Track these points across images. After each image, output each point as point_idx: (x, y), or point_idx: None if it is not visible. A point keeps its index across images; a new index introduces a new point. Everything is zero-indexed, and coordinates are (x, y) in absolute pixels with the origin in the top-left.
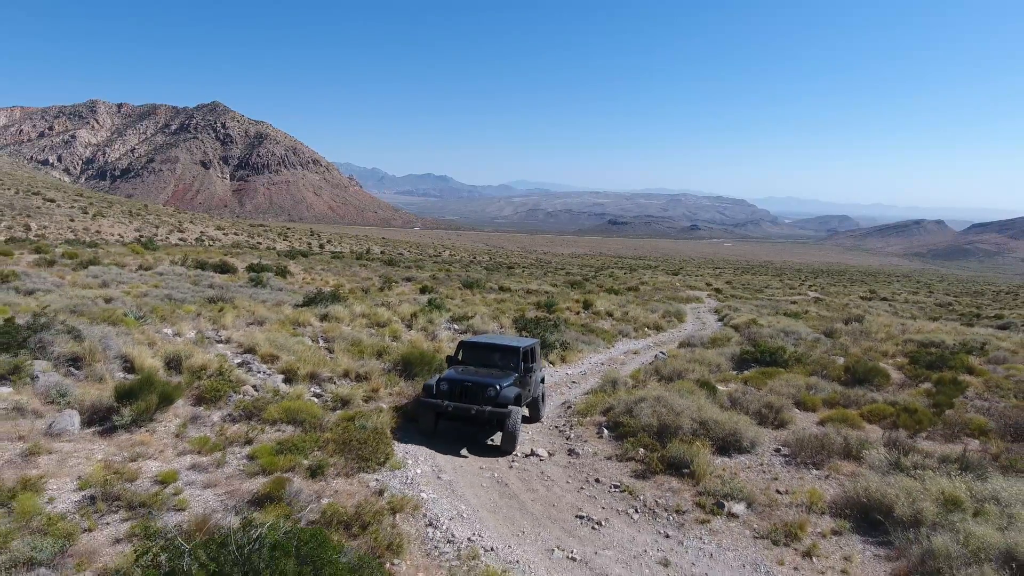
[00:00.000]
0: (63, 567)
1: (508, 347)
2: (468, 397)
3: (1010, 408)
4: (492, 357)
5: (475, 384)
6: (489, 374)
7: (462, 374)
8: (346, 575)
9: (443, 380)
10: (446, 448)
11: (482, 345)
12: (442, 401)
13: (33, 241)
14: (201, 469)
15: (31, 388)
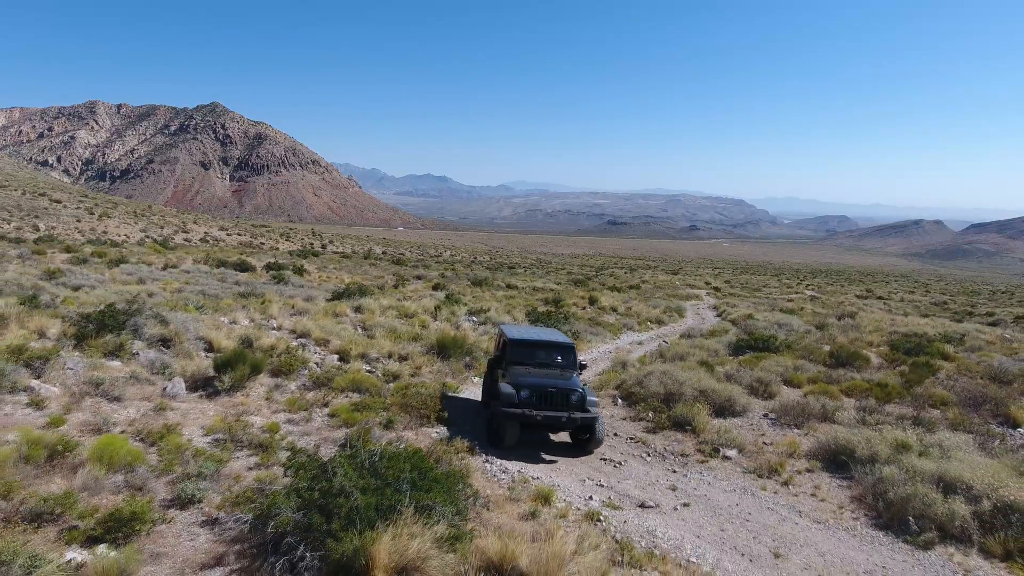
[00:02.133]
0: (221, 480)
1: (565, 344)
2: (551, 403)
3: (971, 384)
4: (550, 356)
5: (559, 390)
6: (560, 376)
7: (540, 379)
8: (442, 478)
9: (523, 387)
10: None
11: (538, 343)
12: (528, 411)
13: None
14: (295, 423)
15: (136, 362)
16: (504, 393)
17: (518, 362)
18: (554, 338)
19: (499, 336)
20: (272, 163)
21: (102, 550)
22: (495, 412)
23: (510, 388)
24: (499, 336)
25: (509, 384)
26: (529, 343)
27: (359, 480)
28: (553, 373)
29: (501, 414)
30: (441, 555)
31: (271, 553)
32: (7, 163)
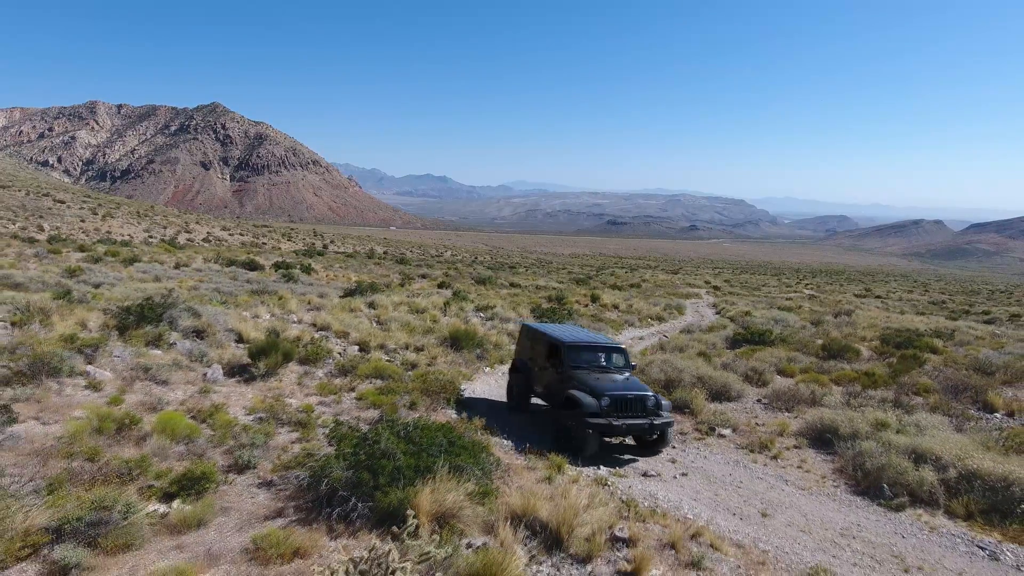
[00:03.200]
0: (270, 451)
1: (619, 346)
2: (630, 410)
3: (954, 374)
4: (608, 358)
5: (637, 396)
6: (626, 381)
7: (618, 385)
8: (469, 445)
9: (602, 395)
10: (503, 391)
11: (596, 346)
12: (613, 420)
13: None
14: (326, 405)
15: (175, 351)
16: (586, 403)
17: (576, 367)
18: (609, 341)
19: (528, 336)
20: (272, 163)
21: (177, 504)
22: (576, 422)
23: (590, 398)
24: (528, 336)
25: (583, 392)
26: (586, 346)
27: (400, 444)
28: (615, 376)
29: (584, 424)
30: (473, 507)
31: (325, 505)
32: (8, 163)
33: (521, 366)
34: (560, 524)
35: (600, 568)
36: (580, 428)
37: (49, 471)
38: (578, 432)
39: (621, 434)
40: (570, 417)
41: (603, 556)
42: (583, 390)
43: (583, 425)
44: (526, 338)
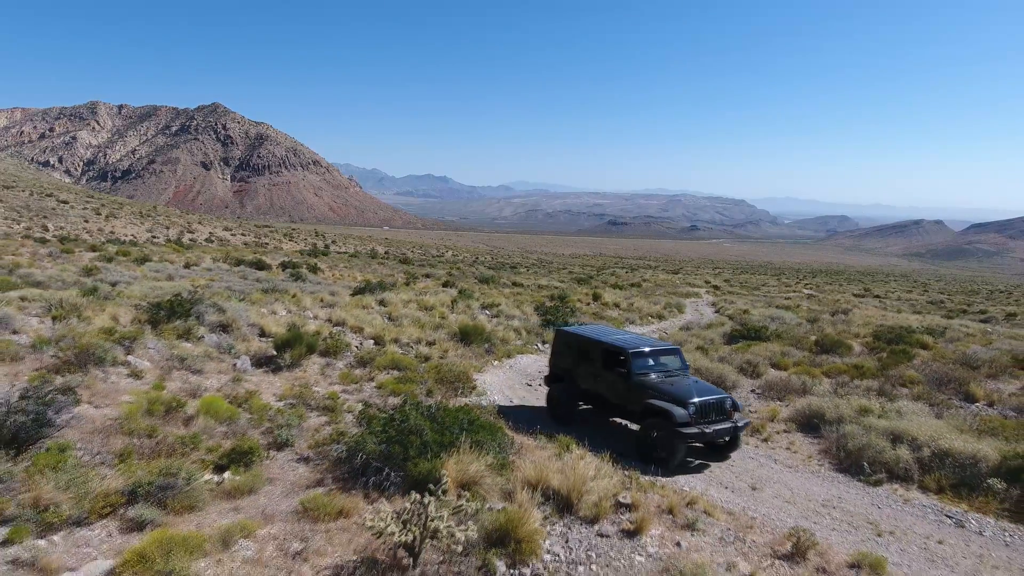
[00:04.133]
0: (303, 431)
1: (677, 348)
2: (712, 415)
3: (940, 367)
4: (673, 361)
5: (717, 400)
6: (697, 384)
7: (697, 389)
8: (487, 425)
9: (686, 402)
10: (513, 382)
11: (659, 351)
12: (703, 428)
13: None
14: (349, 392)
15: (204, 344)
16: (677, 413)
17: (643, 373)
18: (664, 343)
19: (572, 343)
20: (273, 163)
21: (229, 474)
22: (666, 432)
23: (679, 407)
24: (572, 343)
25: (665, 400)
26: (650, 352)
27: (426, 423)
28: (684, 380)
29: (676, 435)
30: (492, 476)
31: (360, 475)
32: (10, 164)
33: (564, 374)
34: (570, 491)
35: (606, 527)
36: (670, 438)
37: (112, 446)
38: (667, 442)
39: (710, 441)
40: (657, 427)
41: (608, 518)
42: (664, 398)
43: (675, 436)
44: (567, 344)
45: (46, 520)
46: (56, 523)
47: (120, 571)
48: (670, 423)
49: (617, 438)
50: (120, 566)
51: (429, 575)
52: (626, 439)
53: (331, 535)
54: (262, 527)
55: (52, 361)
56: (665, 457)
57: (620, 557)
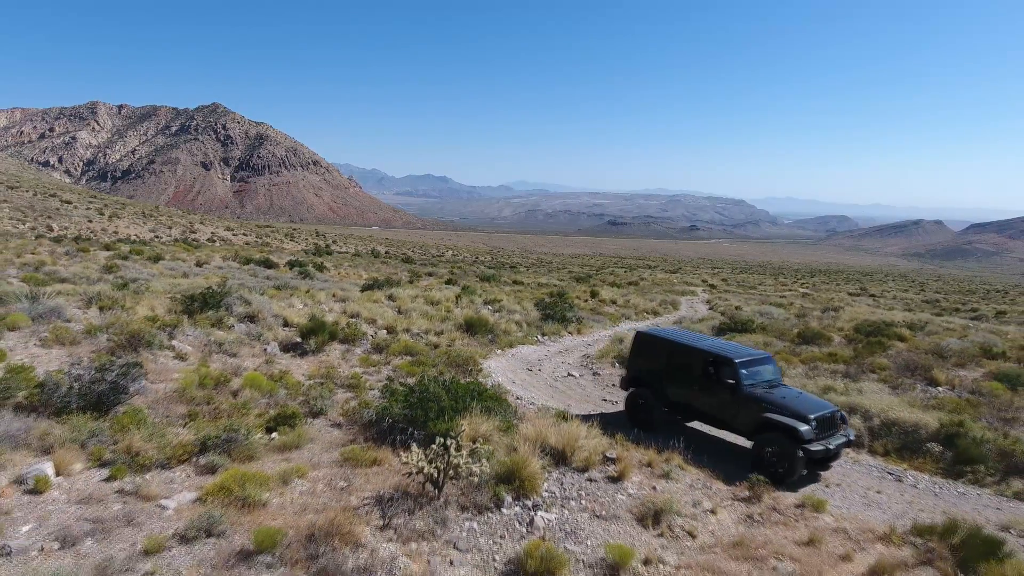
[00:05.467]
0: (334, 403)
1: (771, 357)
2: (827, 430)
3: (909, 356)
4: (773, 372)
5: (832, 414)
6: (802, 396)
7: (811, 403)
8: (494, 395)
9: (805, 418)
10: (515, 367)
11: (759, 359)
12: (828, 444)
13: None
14: (369, 374)
15: (235, 331)
16: (802, 431)
17: (751, 384)
18: (761, 352)
19: (660, 348)
20: (273, 163)
21: (276, 435)
22: (789, 449)
23: (803, 424)
24: (660, 348)
25: (784, 414)
26: (754, 361)
27: (442, 392)
28: (789, 391)
29: (805, 452)
30: (500, 435)
31: (388, 435)
32: (11, 164)
33: (649, 379)
34: (565, 446)
35: (594, 475)
36: (791, 455)
37: (176, 411)
38: (787, 458)
39: (832, 457)
40: (775, 442)
41: (596, 468)
42: (782, 412)
43: (800, 453)
44: (652, 349)
45: (138, 463)
46: (146, 465)
47: (205, 498)
48: (795, 440)
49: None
50: (204, 495)
51: (451, 502)
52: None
53: (368, 477)
54: (312, 471)
55: (108, 344)
56: (784, 473)
57: (605, 495)
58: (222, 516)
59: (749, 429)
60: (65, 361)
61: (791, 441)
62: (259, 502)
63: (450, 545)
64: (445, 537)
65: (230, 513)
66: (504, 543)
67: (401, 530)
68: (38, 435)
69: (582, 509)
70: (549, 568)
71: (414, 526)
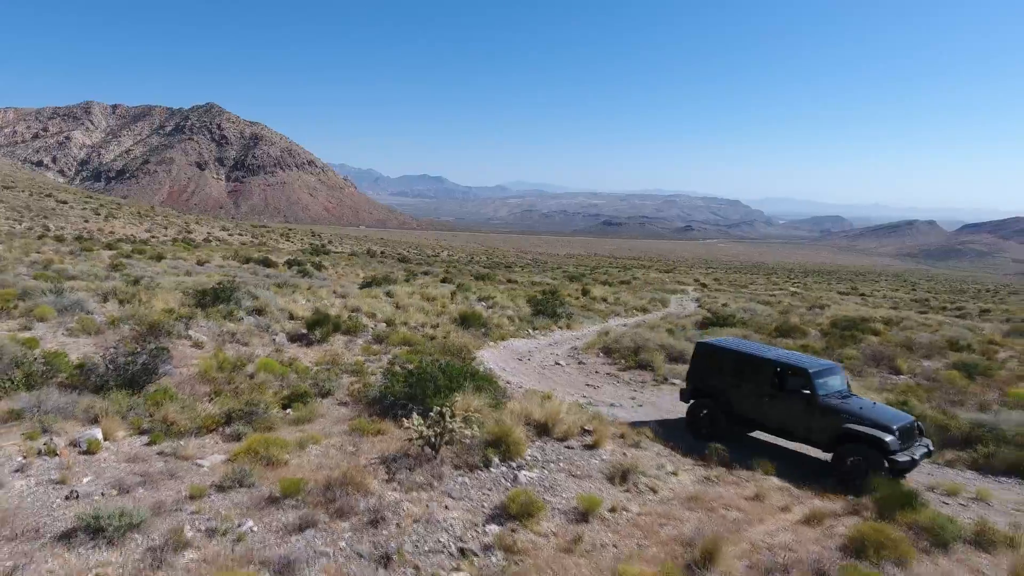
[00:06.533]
0: (340, 385)
1: (839, 367)
2: (908, 440)
3: (878, 348)
4: (840, 380)
5: (911, 424)
6: (876, 406)
7: (888, 413)
8: (486, 376)
9: (892, 428)
10: (506, 357)
11: (833, 370)
12: (913, 455)
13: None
14: (371, 361)
15: (245, 324)
16: (888, 441)
17: (826, 395)
18: (829, 362)
19: (725, 358)
20: (268, 164)
21: (290, 411)
22: (873, 460)
23: (889, 435)
24: (725, 358)
25: (866, 425)
26: (827, 370)
27: (438, 373)
28: (865, 401)
29: (894, 464)
30: (490, 410)
31: (390, 410)
32: (4, 164)
33: (712, 391)
34: (547, 420)
35: (572, 443)
36: (878, 466)
37: (200, 390)
38: (876, 469)
39: (913, 467)
40: (858, 453)
41: (575, 439)
42: (863, 423)
43: (888, 464)
44: (715, 360)
45: (173, 431)
46: (180, 433)
47: (234, 458)
48: (881, 451)
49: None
50: (234, 455)
51: (446, 462)
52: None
53: (374, 443)
54: (324, 439)
55: (130, 333)
56: (865, 484)
57: (581, 459)
58: (251, 471)
59: (827, 440)
60: (92, 348)
61: (876, 452)
62: (281, 461)
63: (445, 495)
64: (441, 488)
65: (257, 469)
66: (491, 494)
67: (404, 482)
68: (83, 408)
69: (560, 470)
70: (528, 511)
71: (414, 480)
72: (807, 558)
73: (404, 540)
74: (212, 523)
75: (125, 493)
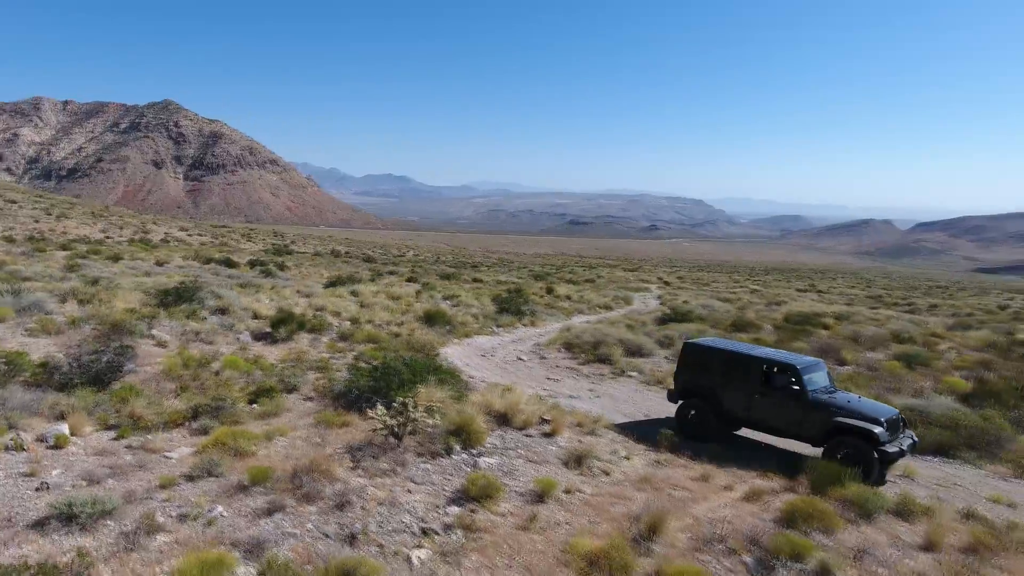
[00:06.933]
0: (306, 381)
1: (822, 363)
2: (895, 432)
3: (826, 341)
4: (825, 376)
5: (898, 416)
6: (863, 400)
7: (873, 407)
8: (447, 370)
9: (879, 420)
10: (470, 353)
11: (819, 366)
12: (901, 446)
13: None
14: (337, 358)
15: (208, 323)
16: (878, 432)
17: (815, 391)
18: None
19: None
20: (228, 162)
21: (256, 405)
22: (866, 452)
23: (877, 426)
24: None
25: (855, 418)
26: (813, 366)
27: (403, 367)
28: (851, 396)
29: (883, 454)
30: (452, 402)
31: (355, 403)
32: None
33: (701, 390)
34: (507, 411)
35: (532, 432)
36: (869, 458)
37: (166, 387)
38: (865, 462)
39: (900, 458)
40: (849, 446)
41: (534, 427)
42: (852, 416)
43: (877, 455)
44: (703, 359)
45: (140, 426)
46: (147, 427)
47: (202, 450)
48: (871, 442)
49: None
50: (202, 448)
51: (409, 450)
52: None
53: (339, 435)
54: (291, 431)
55: (92, 333)
56: (865, 474)
57: (539, 447)
58: (220, 461)
59: (817, 435)
60: (54, 348)
61: (867, 444)
62: (249, 452)
63: (408, 480)
64: (404, 474)
65: (226, 460)
66: (452, 479)
67: (369, 469)
68: (49, 405)
69: (519, 456)
70: (487, 493)
71: (379, 466)
72: (743, 529)
73: (369, 521)
74: (183, 509)
75: (95, 484)
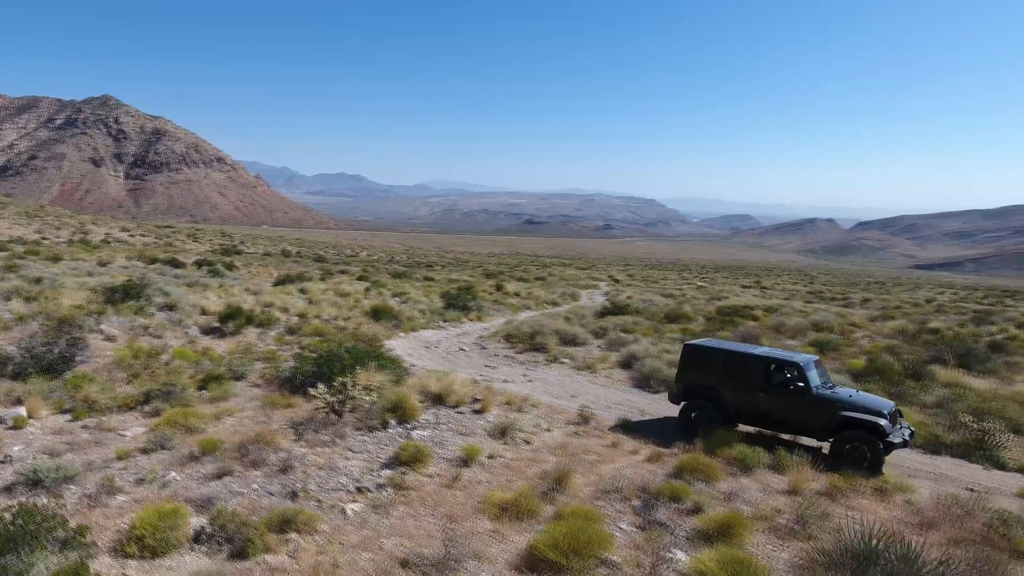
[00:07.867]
0: (253, 370)
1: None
2: (895, 423)
3: (748, 330)
4: (823, 373)
5: (896, 408)
6: (861, 393)
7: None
8: (390, 359)
9: (882, 412)
10: (415, 346)
11: (819, 363)
12: (904, 436)
13: None
14: (284, 350)
15: (157, 319)
16: (883, 424)
17: (818, 387)
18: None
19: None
20: (172, 160)
21: (205, 391)
22: (872, 444)
23: (881, 419)
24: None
25: (859, 412)
26: (815, 364)
27: (345, 354)
28: (851, 390)
29: (887, 446)
30: (391, 385)
31: (299, 388)
32: None
33: (704, 390)
34: (441, 391)
35: (464, 409)
36: (876, 449)
37: (118, 376)
38: (873, 453)
39: (902, 448)
40: (856, 439)
41: (466, 406)
42: (857, 410)
43: (883, 446)
44: (705, 360)
45: (95, 409)
46: (101, 410)
47: (155, 428)
48: (878, 434)
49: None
50: (154, 427)
51: (348, 424)
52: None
53: (284, 414)
54: (239, 412)
55: (40, 328)
56: (869, 467)
57: (469, 422)
58: (172, 436)
59: (823, 428)
60: (4, 342)
61: (873, 436)
62: (199, 429)
63: (347, 449)
64: (343, 445)
65: (177, 435)
66: (387, 448)
67: (310, 440)
68: (3, 392)
69: (450, 430)
70: (417, 458)
71: (320, 439)
72: (637, 481)
73: (309, 482)
74: (139, 475)
75: (56, 457)
